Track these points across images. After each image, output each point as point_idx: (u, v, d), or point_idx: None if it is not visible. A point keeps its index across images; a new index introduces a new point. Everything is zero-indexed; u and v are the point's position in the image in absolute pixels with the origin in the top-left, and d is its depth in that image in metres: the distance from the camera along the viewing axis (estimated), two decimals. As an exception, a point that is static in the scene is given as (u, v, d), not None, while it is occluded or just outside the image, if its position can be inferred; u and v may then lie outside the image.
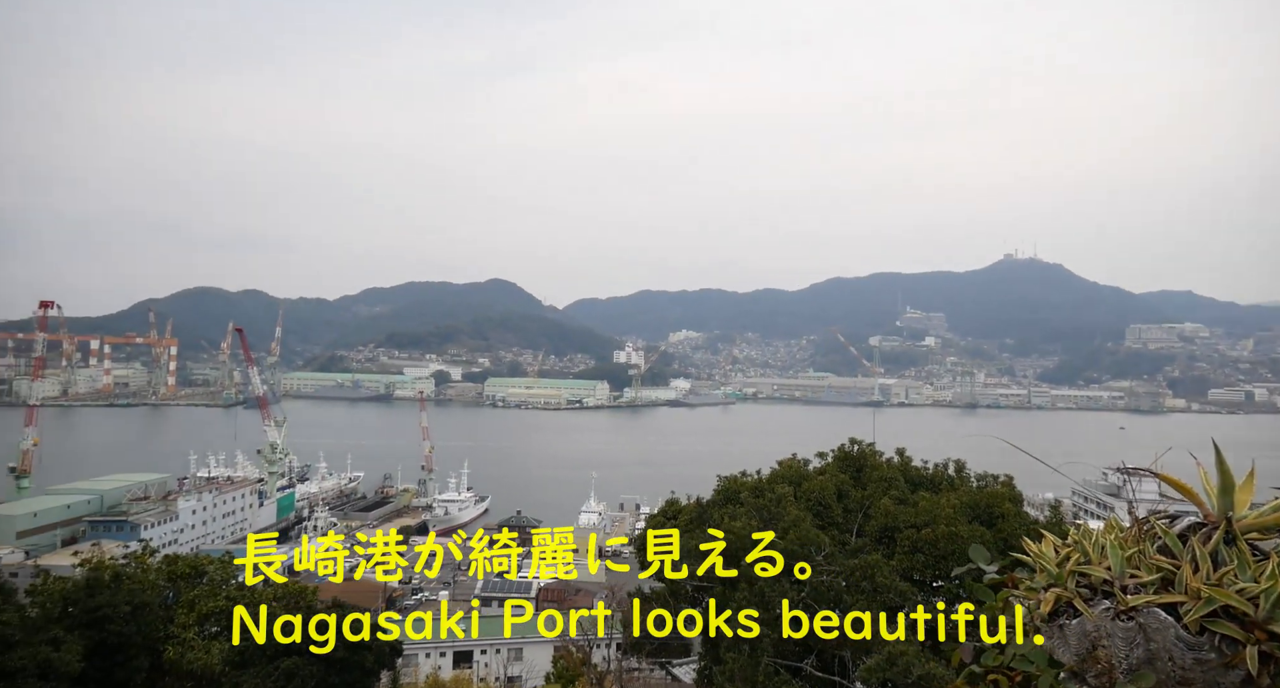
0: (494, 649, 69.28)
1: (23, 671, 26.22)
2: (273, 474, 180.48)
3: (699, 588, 33.44)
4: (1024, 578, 4.01)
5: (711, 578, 30.06)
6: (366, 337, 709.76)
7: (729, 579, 27.42)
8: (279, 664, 31.45)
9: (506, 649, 68.76)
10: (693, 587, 33.10)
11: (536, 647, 66.37)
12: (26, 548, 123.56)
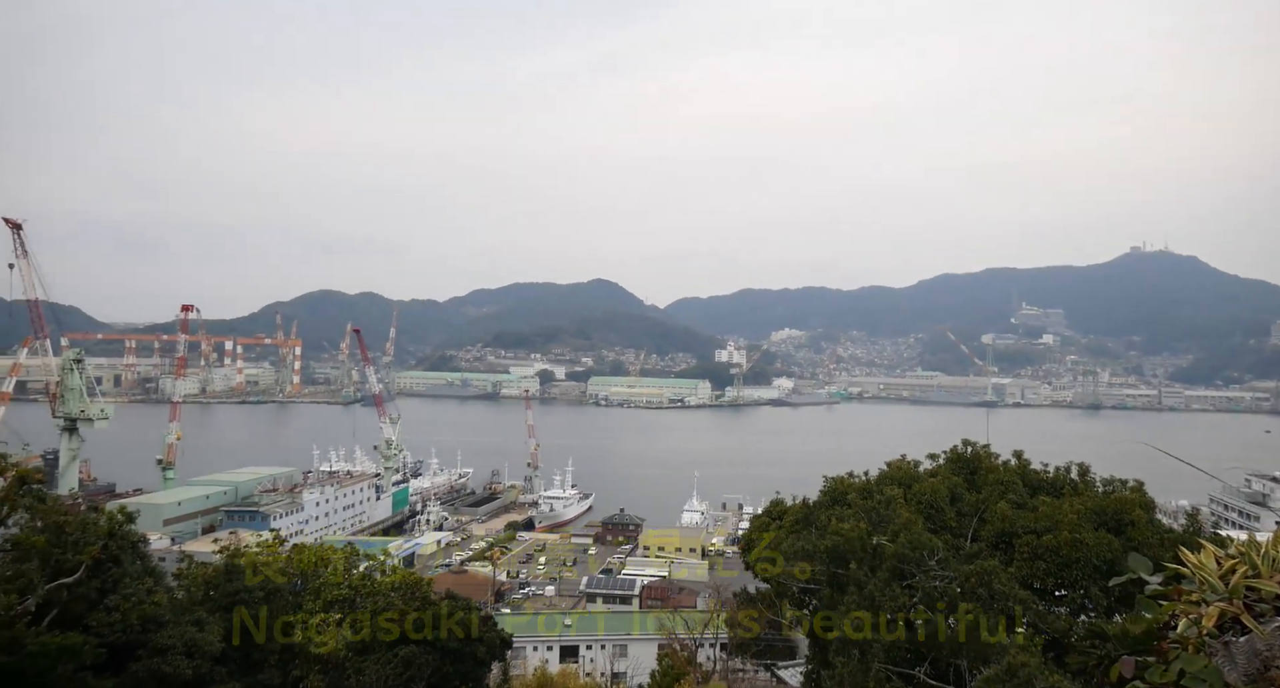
0: (599, 645, 70.18)
1: (172, 649, 28.24)
2: (388, 469, 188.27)
3: (805, 590, 32.97)
4: (1188, 591, 3.73)
5: (818, 580, 29.58)
6: (474, 337, 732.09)
7: (837, 581, 26.90)
8: (398, 652, 32.77)
9: (612, 645, 69.54)
10: (799, 588, 32.65)
11: (641, 644, 66.88)
12: (172, 535, 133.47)
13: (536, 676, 40.12)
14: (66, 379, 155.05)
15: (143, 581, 32.44)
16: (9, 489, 26.10)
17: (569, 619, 78.35)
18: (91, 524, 32.32)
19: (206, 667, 29.45)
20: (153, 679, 27.62)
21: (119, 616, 29.63)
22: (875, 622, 22.68)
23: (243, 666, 32.99)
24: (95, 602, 30.36)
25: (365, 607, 39.06)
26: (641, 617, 78.62)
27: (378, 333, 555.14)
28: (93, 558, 30.05)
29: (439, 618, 34.62)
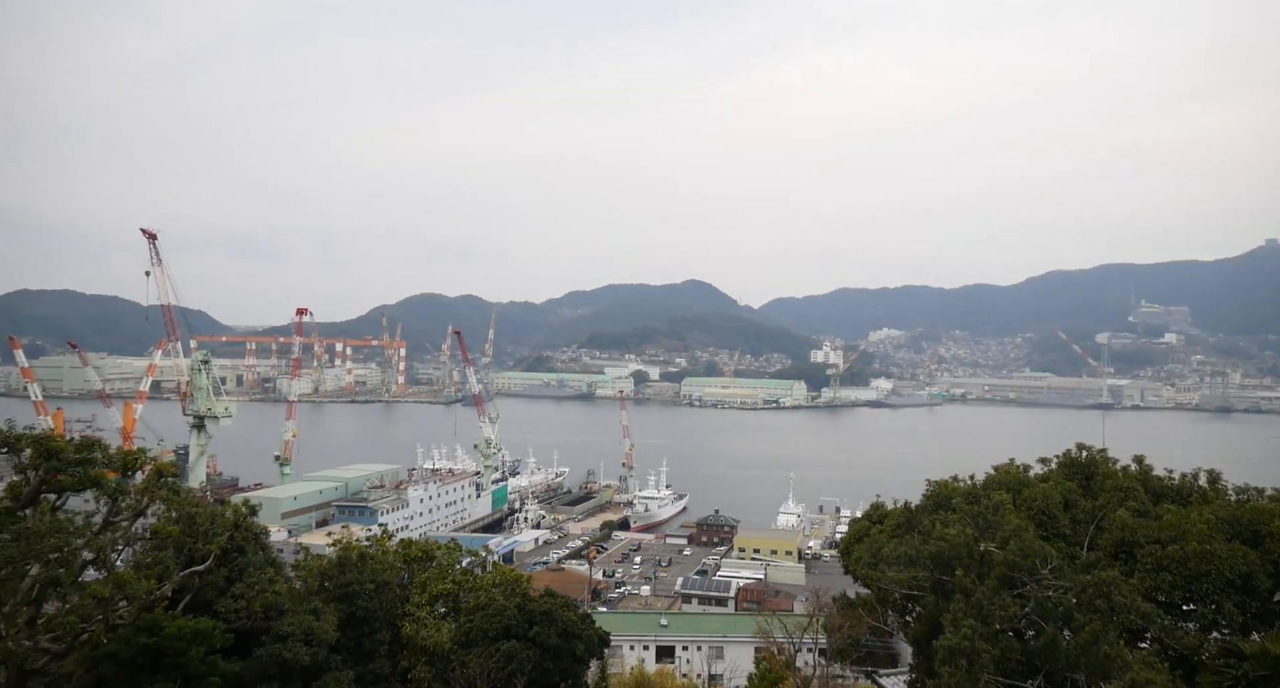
0: (695, 646, 70.11)
1: (292, 636, 29.79)
2: (488, 468, 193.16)
3: (908, 596, 32.07)
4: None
5: (921, 586, 28.74)
6: (570, 338, 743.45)
7: (943, 588, 26.07)
8: (499, 647, 33.60)
9: (708, 646, 69.37)
10: (901, 594, 31.79)
11: (737, 646, 66.47)
12: (289, 527, 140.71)
13: (634, 675, 40.40)
14: (195, 379, 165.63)
15: (265, 570, 34.37)
16: (148, 482, 28.06)
17: (665, 619, 78.57)
18: (219, 516, 34.46)
19: (323, 654, 30.96)
20: (275, 664, 29.23)
21: (244, 603, 31.50)
22: (984, 631, 21.87)
23: (355, 654, 34.50)
24: (223, 589, 32.36)
25: (468, 601, 40.27)
26: (737, 619, 78.14)
27: (477, 334, 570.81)
28: (221, 548, 32.04)
29: (538, 615, 35.33)
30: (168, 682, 25.74)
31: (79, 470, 22.20)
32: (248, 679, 28.72)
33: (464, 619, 37.16)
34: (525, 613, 35.47)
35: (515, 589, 41.23)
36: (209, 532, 32.71)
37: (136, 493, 27.10)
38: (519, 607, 36.03)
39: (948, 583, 25.35)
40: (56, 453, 21.73)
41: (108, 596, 22.86)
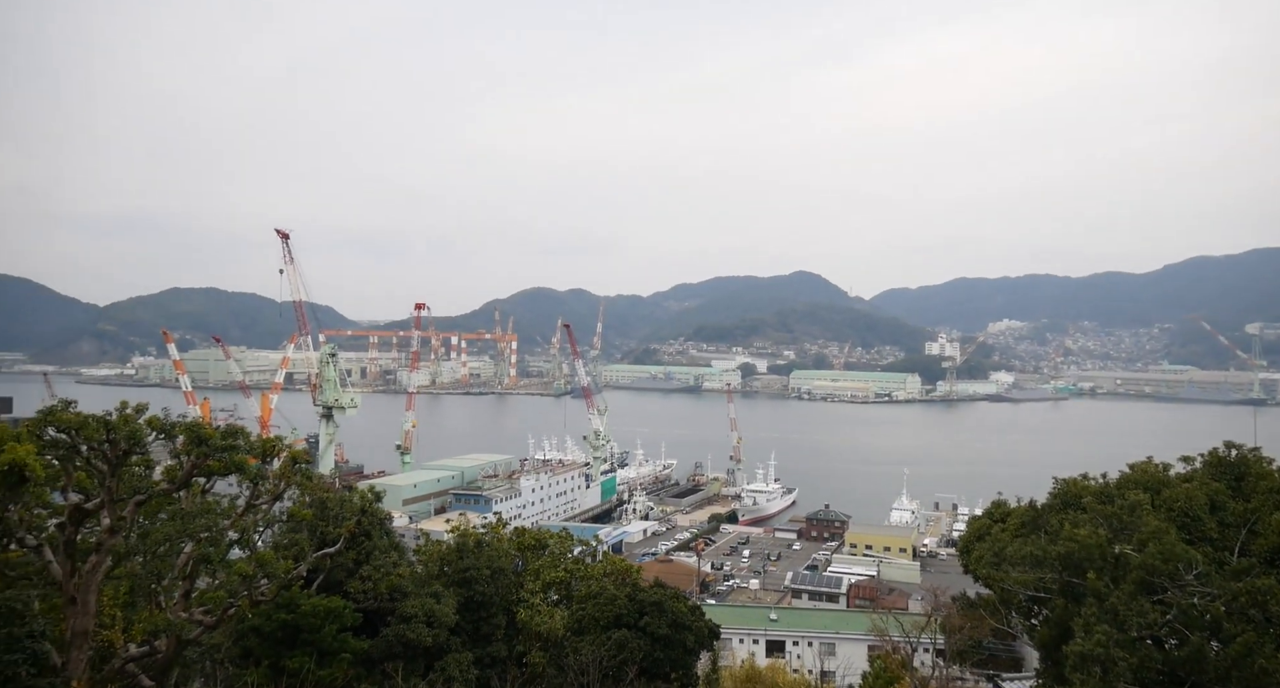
0: (806, 641, 69.15)
1: (415, 617, 31.14)
2: (597, 459, 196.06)
3: (1034, 598, 30.58)
4: None
5: (1049, 588, 27.34)
6: (677, 330, 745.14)
7: (1073, 591, 24.74)
8: (611, 635, 34.07)
9: (819, 642, 68.30)
10: (1027, 596, 30.35)
11: (850, 643, 65.17)
12: (410, 514, 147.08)
13: (745, 668, 40.19)
14: (324, 371, 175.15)
15: (389, 554, 36.05)
16: (284, 468, 29.82)
17: (774, 614, 77.84)
18: (348, 502, 36.35)
19: (444, 636, 32.24)
20: (400, 644, 30.64)
21: (371, 585, 33.15)
22: (1120, 638, 20.61)
23: (474, 637, 35.75)
24: (352, 571, 34.15)
25: (579, 590, 41.05)
26: (849, 616, 76.59)
27: (586, 327, 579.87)
28: (349, 532, 33.78)
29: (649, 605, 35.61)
30: (304, 656, 27.39)
31: (225, 456, 23.79)
32: (375, 657, 30.20)
33: (576, 607, 37.88)
34: (636, 603, 35.82)
35: (625, 579, 41.73)
36: (339, 516, 34.57)
37: (274, 478, 28.80)
38: (629, 597, 36.42)
39: (1078, 586, 24.03)
40: (206, 440, 23.37)
41: (251, 573, 24.48)
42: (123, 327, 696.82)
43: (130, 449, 22.41)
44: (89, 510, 21.61)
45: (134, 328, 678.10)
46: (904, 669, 33.26)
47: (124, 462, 22.56)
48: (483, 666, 33.41)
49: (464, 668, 31.04)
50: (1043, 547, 26.65)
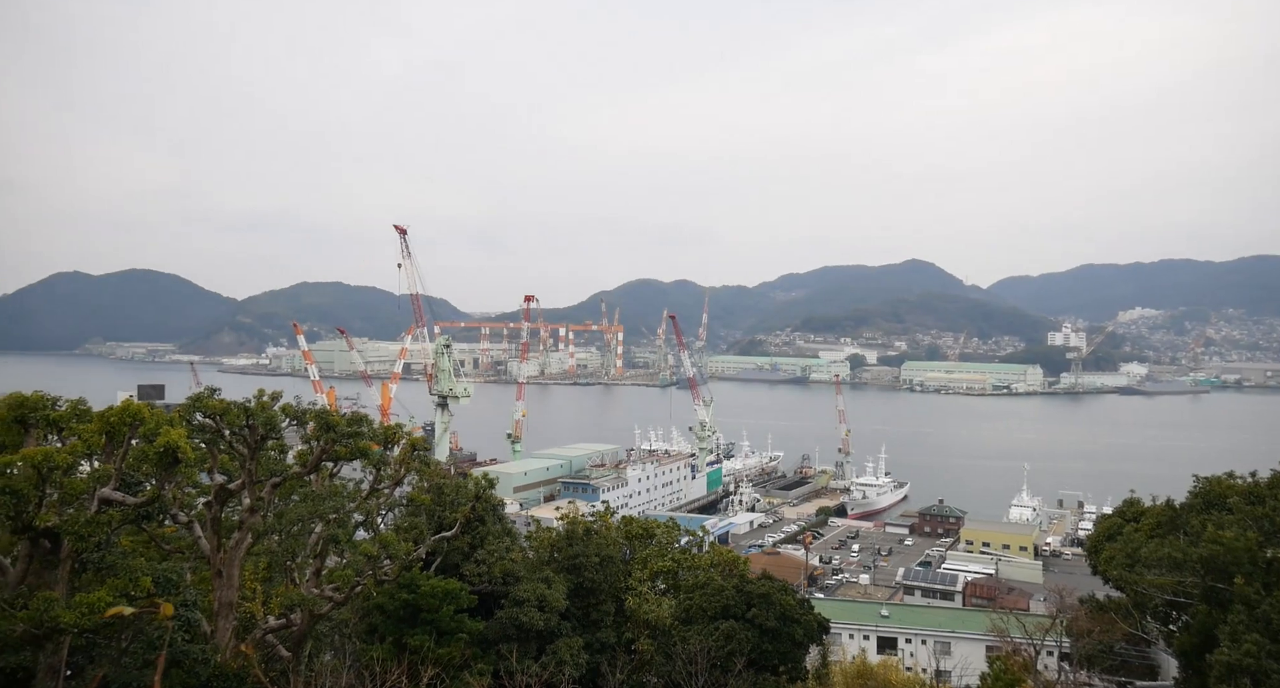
0: (919, 639, 67.14)
1: (527, 601, 32.00)
2: (703, 450, 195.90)
3: (1172, 603, 28.66)
4: None
5: (1189, 593, 25.55)
6: (783, 321, 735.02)
7: (1218, 597, 23.05)
8: (719, 626, 34.06)
9: (933, 641, 66.19)
10: (1165, 600, 28.49)
11: (967, 643, 62.86)
12: (520, 501, 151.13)
13: (856, 664, 39.42)
14: (439, 362, 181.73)
15: (502, 540, 37.12)
16: (404, 454, 31.16)
17: (885, 610, 75.94)
18: (463, 488, 37.61)
19: (555, 620, 32.99)
20: (513, 626, 31.55)
21: (485, 568, 34.24)
22: (1272, 649, 19.06)
23: (583, 623, 36.43)
24: (467, 555, 35.37)
25: (686, 580, 41.19)
26: (965, 614, 73.89)
27: (691, 319, 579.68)
28: (465, 517, 35.03)
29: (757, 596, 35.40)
30: (424, 634, 28.60)
31: (350, 442, 25.06)
32: (490, 638, 31.21)
33: (683, 597, 38.05)
34: (743, 594, 35.68)
35: (732, 571, 41.62)
36: (454, 501, 35.85)
37: (395, 464, 30.13)
38: (737, 588, 36.31)
39: (1224, 592, 22.37)
40: (333, 426, 24.67)
41: (375, 554, 25.71)
42: (258, 319, 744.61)
43: (267, 434, 23.91)
44: (232, 491, 23.20)
45: (268, 320, 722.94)
46: (1026, 672, 31.83)
47: (262, 446, 24.10)
48: (592, 651, 34.01)
49: (574, 652, 31.69)
50: (1183, 549, 24.94)
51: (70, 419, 19.67)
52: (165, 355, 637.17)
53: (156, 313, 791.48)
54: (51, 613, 14.69)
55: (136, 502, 18.77)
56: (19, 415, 19.20)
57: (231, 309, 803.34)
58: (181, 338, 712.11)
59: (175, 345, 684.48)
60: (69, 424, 19.58)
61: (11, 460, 16.69)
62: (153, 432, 18.66)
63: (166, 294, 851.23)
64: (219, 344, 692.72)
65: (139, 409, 19.01)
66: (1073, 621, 33.14)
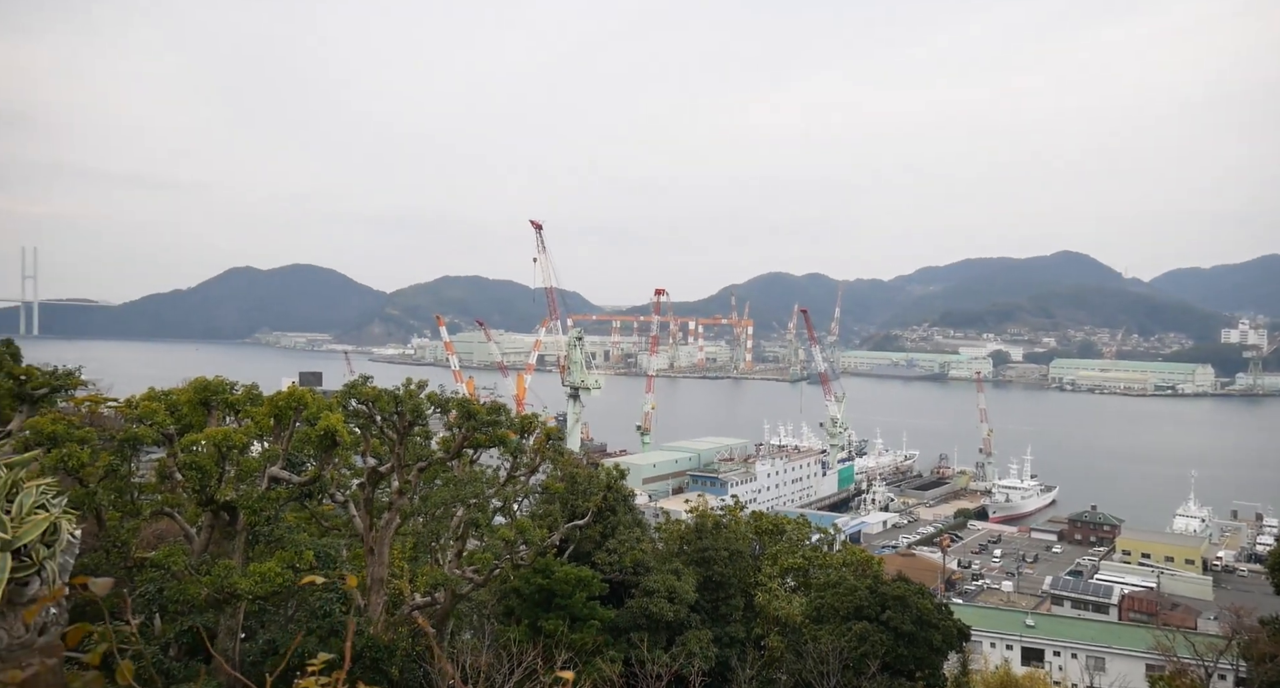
0: (1069, 652, 63.17)
1: (657, 592, 32.32)
2: (834, 447, 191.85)
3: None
4: None
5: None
6: (920, 316, 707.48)
7: None
8: (851, 626, 33.25)
9: (1085, 655, 62.11)
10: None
11: (1123, 659, 58.63)
12: (649, 492, 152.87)
13: (999, 675, 37.57)
14: (571, 354, 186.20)
15: (633, 530, 37.62)
16: (539, 443, 32.11)
17: (1031, 619, 71.93)
18: (595, 478, 38.38)
19: (684, 612, 33.17)
20: (643, 616, 31.94)
21: (616, 558, 34.81)
22: None
23: (712, 616, 36.45)
24: (598, 543, 36.08)
25: (817, 578, 40.43)
26: (1121, 629, 68.92)
27: (823, 312, 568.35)
28: (597, 506, 35.75)
29: (890, 598, 34.31)
30: (558, 619, 29.42)
31: (490, 431, 26.03)
32: (621, 626, 31.74)
33: (814, 595, 37.35)
34: (877, 596, 34.66)
35: (865, 571, 40.49)
36: (587, 491, 36.61)
37: (531, 453, 31.08)
38: (870, 589, 35.31)
39: None
40: (474, 415, 25.70)
41: (512, 539, 26.65)
42: (404, 311, 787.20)
43: (414, 421, 25.19)
44: (382, 473, 24.62)
45: (413, 312, 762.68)
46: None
47: (409, 432, 25.42)
48: (721, 644, 33.98)
49: (704, 645, 31.75)
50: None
51: (245, 402, 21.42)
52: (323, 345, 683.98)
53: (315, 305, 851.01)
54: (230, 580, 16.06)
55: (300, 481, 20.25)
56: (203, 398, 21.08)
57: (381, 301, 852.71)
58: (337, 328, 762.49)
59: (331, 335, 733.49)
60: (244, 407, 21.34)
61: (197, 439, 18.37)
62: (314, 416, 20.07)
63: (324, 287, 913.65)
64: (370, 335, 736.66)
65: (303, 395, 20.48)
66: (1251, 643, 30.24)
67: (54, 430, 17.31)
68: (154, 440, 19.44)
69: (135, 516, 21.29)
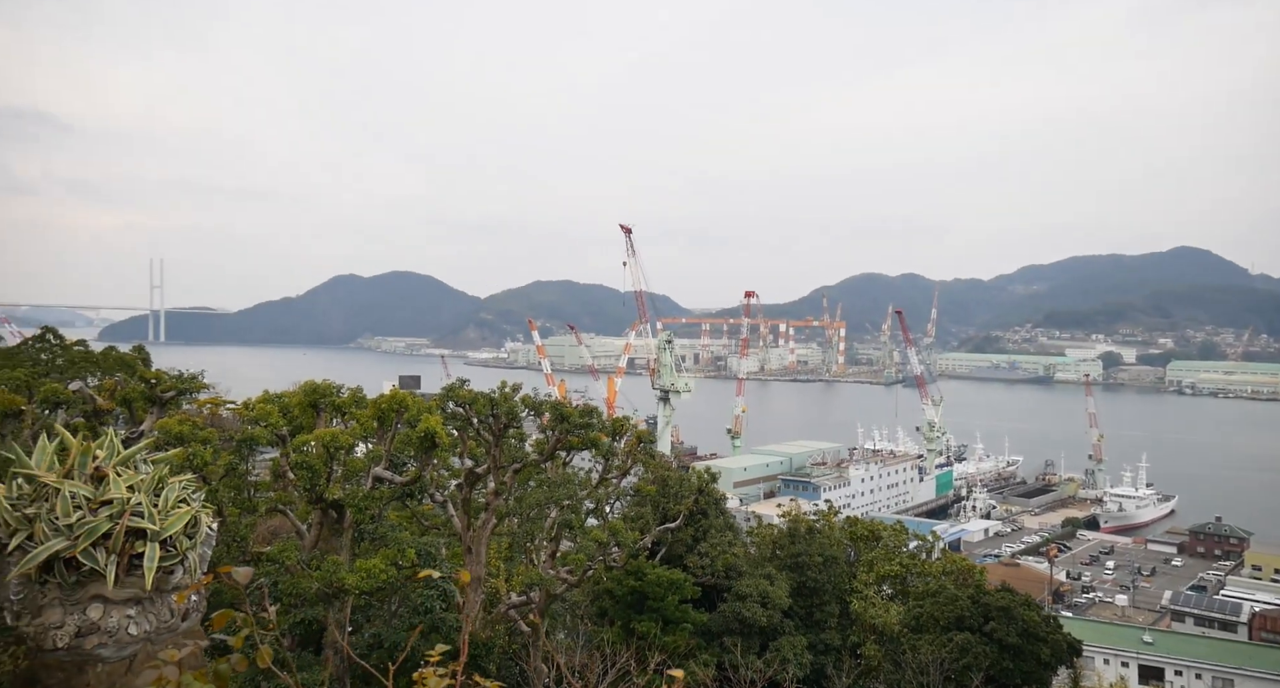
0: (1193, 673, 59.32)
1: (749, 597, 32.08)
2: (931, 452, 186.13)
3: None
4: None
5: None
6: (1023, 316, 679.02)
7: None
8: (953, 637, 32.18)
9: (1211, 677, 58.21)
10: None
11: (1255, 682, 54.74)
12: (740, 496, 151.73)
13: (1112, 694, 35.66)
14: (661, 357, 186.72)
15: (725, 534, 37.48)
16: (630, 446, 32.36)
17: (1149, 636, 67.93)
18: (686, 481, 38.40)
19: (777, 618, 32.80)
20: (736, 620, 31.76)
21: (708, 561, 34.75)
22: None
23: (806, 622, 35.91)
24: (690, 547, 36.07)
25: (916, 586, 39.30)
26: (1254, 650, 64.27)
27: (918, 314, 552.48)
28: (688, 509, 35.75)
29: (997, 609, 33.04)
30: (650, 621, 29.55)
31: (582, 433, 26.39)
32: (714, 630, 31.64)
33: (913, 603, 36.32)
34: (980, 606, 33.44)
35: (967, 580, 39.13)
36: (678, 494, 36.65)
37: (623, 455, 31.34)
38: (972, 598, 34.09)
39: None
40: (567, 417, 26.10)
41: (605, 541, 26.92)
42: (497, 315, 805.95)
43: (509, 423, 25.77)
44: (479, 475, 25.27)
45: (506, 317, 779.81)
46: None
47: (505, 434, 26.02)
48: (816, 652, 33.45)
49: (798, 652, 31.34)
50: None
51: (350, 405, 22.38)
52: (420, 349, 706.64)
53: (413, 310, 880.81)
54: (338, 575, 16.80)
55: (402, 481, 21.00)
56: (312, 401, 22.14)
57: (475, 306, 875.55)
58: (433, 333, 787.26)
59: (429, 340, 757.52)
60: (349, 409, 22.29)
61: (307, 440, 19.30)
62: (415, 418, 20.78)
63: (421, 293, 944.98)
64: (465, 339, 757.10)
65: (404, 397, 21.24)
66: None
67: (180, 431, 18.48)
68: (268, 441, 20.52)
69: (252, 512, 22.52)
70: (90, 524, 3.49)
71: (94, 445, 3.83)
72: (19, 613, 3.55)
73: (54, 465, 3.74)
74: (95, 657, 3.53)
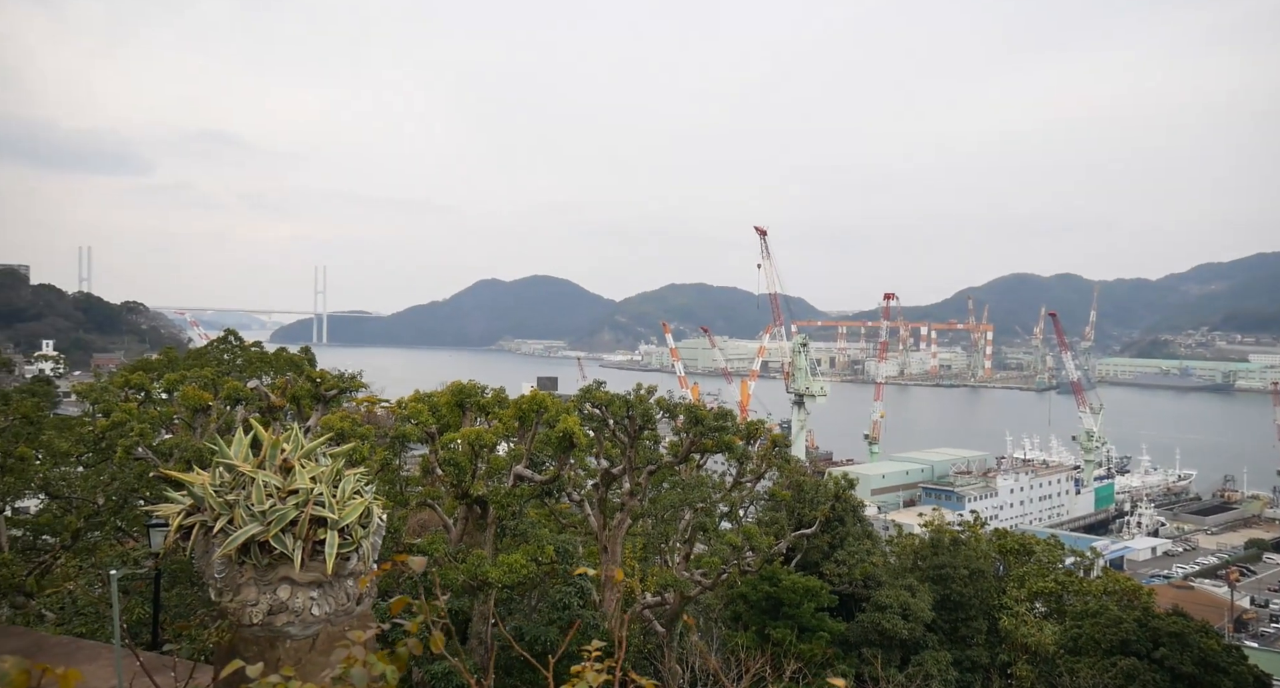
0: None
1: (889, 608, 31.04)
2: (1089, 463, 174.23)
3: None
4: None
5: None
6: (1197, 319, 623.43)
7: None
8: (1116, 661, 29.96)
9: None
10: None
11: None
12: (878, 504, 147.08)
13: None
14: (795, 360, 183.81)
15: (863, 542, 36.45)
16: (765, 450, 32.04)
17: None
18: (822, 487, 37.62)
19: (919, 631, 31.59)
20: (875, 632, 30.82)
21: (845, 569, 33.89)
22: None
23: (951, 637, 34.38)
24: (826, 554, 35.30)
25: (1073, 605, 36.83)
26: None
27: (1075, 316, 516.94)
28: (825, 516, 35.01)
29: (1167, 635, 30.48)
30: (785, 628, 29.13)
31: (717, 436, 26.41)
32: (851, 640, 30.84)
33: (1070, 624, 34.10)
34: (1148, 630, 30.98)
35: (1132, 601, 36.32)
36: (814, 500, 35.96)
37: (757, 459, 31.09)
38: (1139, 622, 31.63)
39: None
40: (701, 420, 26.19)
41: (739, 545, 26.78)
42: (632, 318, 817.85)
43: (644, 425, 26.13)
44: (614, 475, 25.75)
45: (640, 319, 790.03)
46: None
47: (640, 435, 26.40)
48: (962, 669, 32.00)
49: (942, 668, 30.06)
50: None
51: (494, 405, 23.33)
52: (557, 351, 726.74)
53: (551, 313, 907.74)
54: (483, 569, 17.54)
55: (542, 479, 21.69)
56: (459, 400, 23.24)
57: (610, 309, 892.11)
58: (570, 336, 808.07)
59: (565, 342, 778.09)
60: (493, 409, 23.25)
61: (454, 438, 20.28)
62: (553, 419, 21.41)
63: (559, 296, 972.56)
64: (600, 341, 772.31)
65: (543, 398, 21.94)
66: None
67: (341, 428, 19.85)
68: (419, 438, 21.70)
69: (404, 505, 23.92)
70: (280, 511, 3.88)
71: (282, 439, 4.23)
72: (221, 590, 3.99)
73: (248, 457, 4.17)
74: (285, 634, 3.91)
